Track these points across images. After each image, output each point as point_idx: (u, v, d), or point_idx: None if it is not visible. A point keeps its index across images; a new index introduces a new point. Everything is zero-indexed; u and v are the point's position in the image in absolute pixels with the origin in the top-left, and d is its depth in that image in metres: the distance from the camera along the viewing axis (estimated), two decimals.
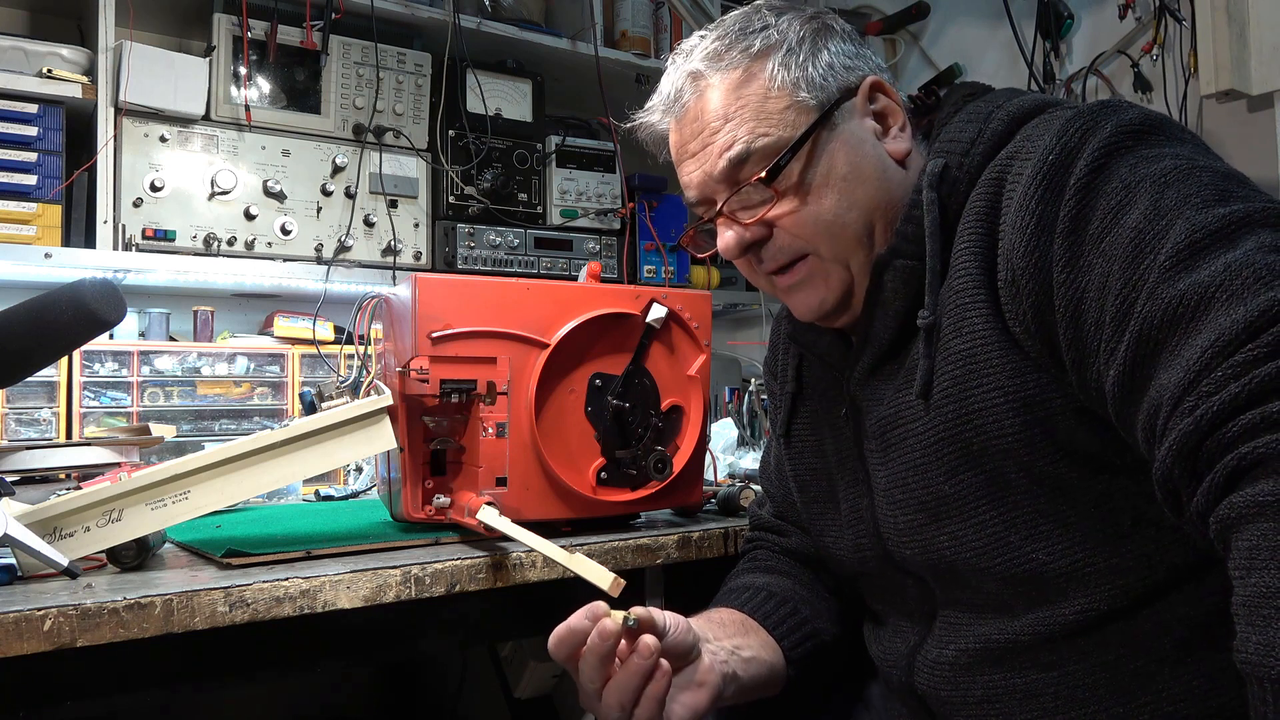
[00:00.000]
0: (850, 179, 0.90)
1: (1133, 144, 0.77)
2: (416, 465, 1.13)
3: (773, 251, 0.93)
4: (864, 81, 0.93)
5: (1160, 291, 0.68)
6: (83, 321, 0.94)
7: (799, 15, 0.95)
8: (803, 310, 0.97)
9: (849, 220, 0.90)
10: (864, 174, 0.91)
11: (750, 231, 0.93)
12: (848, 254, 0.91)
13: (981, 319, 0.82)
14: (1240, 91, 1.77)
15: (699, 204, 0.97)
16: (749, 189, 0.91)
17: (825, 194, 0.90)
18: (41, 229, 1.68)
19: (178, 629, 0.87)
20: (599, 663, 0.82)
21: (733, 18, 0.96)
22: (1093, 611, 0.81)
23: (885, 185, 0.91)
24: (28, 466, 1.23)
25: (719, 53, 0.93)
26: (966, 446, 0.84)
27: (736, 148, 0.90)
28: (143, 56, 1.73)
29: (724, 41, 0.93)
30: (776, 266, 0.94)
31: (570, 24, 2.30)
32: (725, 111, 0.91)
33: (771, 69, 0.91)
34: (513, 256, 2.12)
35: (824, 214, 0.90)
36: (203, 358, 1.84)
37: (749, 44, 0.92)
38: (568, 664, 0.84)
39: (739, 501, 1.38)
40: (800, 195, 0.90)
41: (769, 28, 0.93)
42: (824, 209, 0.90)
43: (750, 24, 0.94)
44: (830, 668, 1.07)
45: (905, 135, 0.94)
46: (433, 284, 1.13)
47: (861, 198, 0.90)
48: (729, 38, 0.93)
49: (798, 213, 0.91)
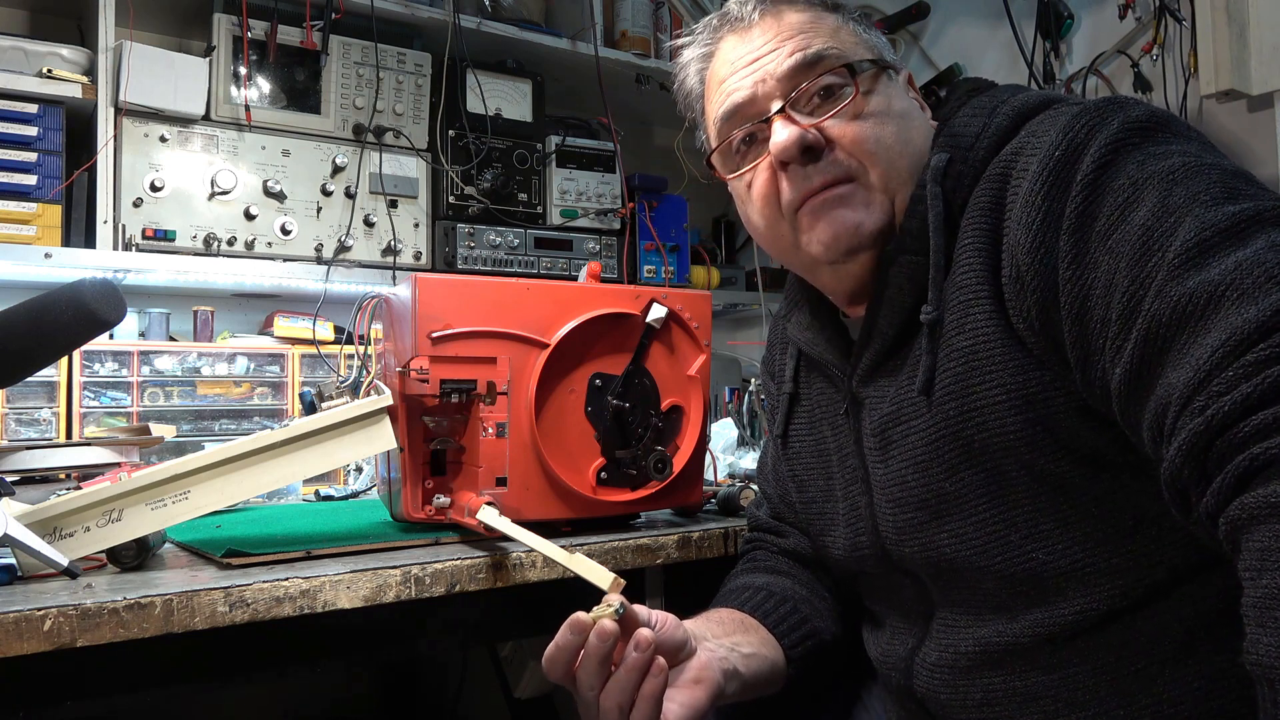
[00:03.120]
0: (906, 119, 0.93)
1: (1139, 140, 0.76)
2: (416, 465, 1.13)
3: (825, 165, 0.90)
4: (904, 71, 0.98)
5: (1169, 289, 0.68)
6: (83, 321, 0.94)
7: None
8: (835, 230, 0.91)
9: (907, 153, 0.91)
10: (915, 121, 0.94)
11: (811, 134, 0.89)
12: (896, 186, 0.91)
13: (985, 315, 0.82)
14: (1240, 91, 1.77)
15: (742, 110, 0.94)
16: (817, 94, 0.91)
17: (887, 121, 0.91)
18: (41, 229, 1.68)
19: (178, 629, 0.87)
20: (598, 667, 0.80)
21: None
22: (1092, 612, 0.80)
23: (928, 143, 0.93)
24: (28, 466, 1.23)
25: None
26: (968, 444, 0.84)
27: (813, 48, 0.92)
28: (143, 56, 1.73)
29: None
30: (824, 181, 0.90)
31: (570, 24, 2.30)
32: (802, 25, 0.94)
33: (839, 17, 0.96)
34: (513, 256, 2.12)
35: (885, 137, 0.91)
36: (203, 358, 1.84)
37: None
38: (564, 681, 0.82)
39: (739, 501, 1.38)
40: (866, 111, 0.91)
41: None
42: (886, 133, 0.91)
43: None
44: (830, 668, 1.07)
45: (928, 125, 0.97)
46: (433, 284, 1.13)
47: (914, 139, 0.92)
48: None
49: (861, 129, 0.90)
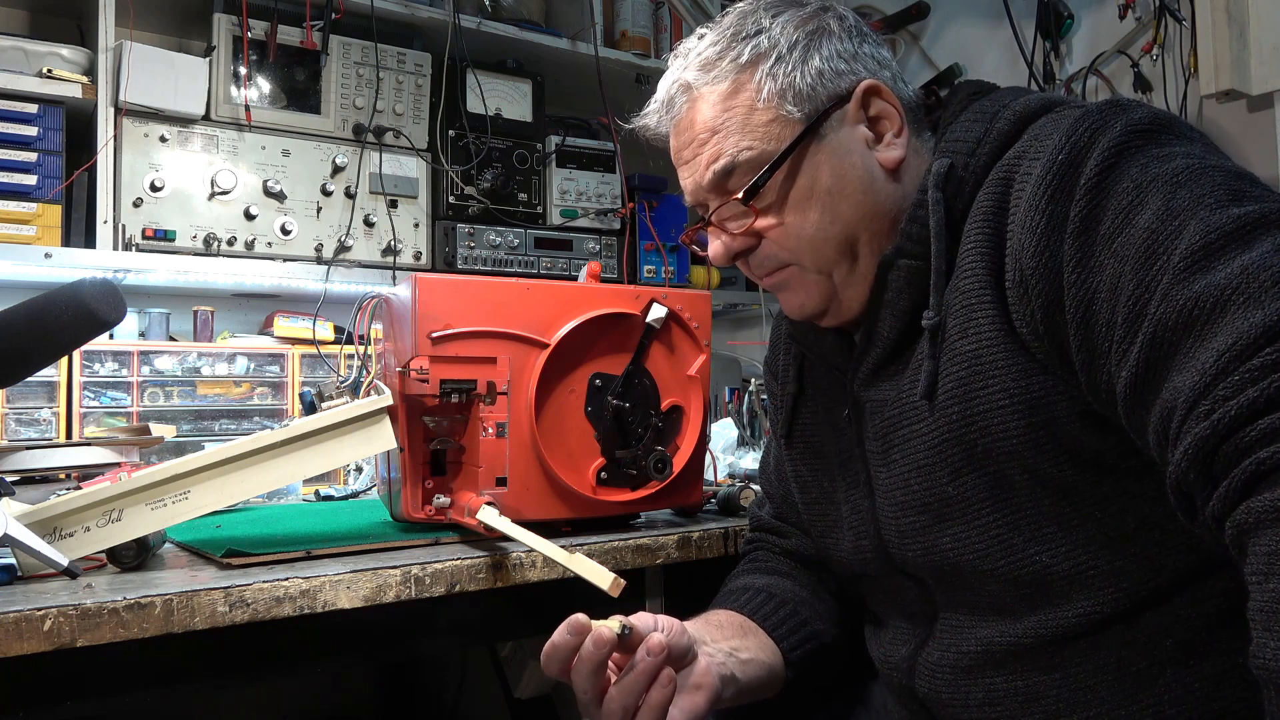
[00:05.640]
0: (834, 192, 0.91)
1: (1143, 143, 0.76)
2: (416, 465, 1.13)
3: (759, 260, 0.96)
4: (858, 87, 0.91)
5: (1174, 293, 0.68)
6: (83, 321, 0.94)
7: (795, 16, 0.93)
8: (789, 310, 1.00)
9: (831, 234, 0.91)
10: (849, 187, 0.91)
11: (737, 242, 0.96)
12: (829, 266, 0.93)
13: (987, 320, 0.82)
14: (1240, 91, 1.77)
15: (695, 206, 1.00)
16: (733, 203, 0.93)
17: (808, 208, 0.91)
18: (41, 229, 1.68)
19: (178, 629, 0.87)
20: (591, 673, 0.81)
21: (730, 19, 0.96)
22: (1095, 614, 0.81)
23: (872, 197, 0.91)
24: (28, 466, 1.23)
25: (710, 61, 0.93)
26: (970, 448, 0.84)
27: (722, 161, 0.92)
28: (143, 56, 1.73)
29: (716, 48, 0.93)
30: (764, 273, 0.97)
31: (570, 24, 2.30)
32: (713, 124, 0.92)
33: (759, 80, 0.91)
34: (513, 256, 2.12)
35: (805, 229, 0.91)
36: (203, 358, 1.84)
37: (739, 53, 0.92)
38: (560, 677, 0.83)
39: (739, 501, 1.38)
40: (783, 210, 0.92)
41: (761, 33, 0.92)
42: (806, 224, 0.91)
43: (744, 28, 0.93)
44: (830, 669, 1.07)
45: (900, 142, 0.92)
46: (433, 284, 1.13)
47: (845, 211, 0.91)
48: (721, 44, 0.93)
49: (779, 227, 0.93)
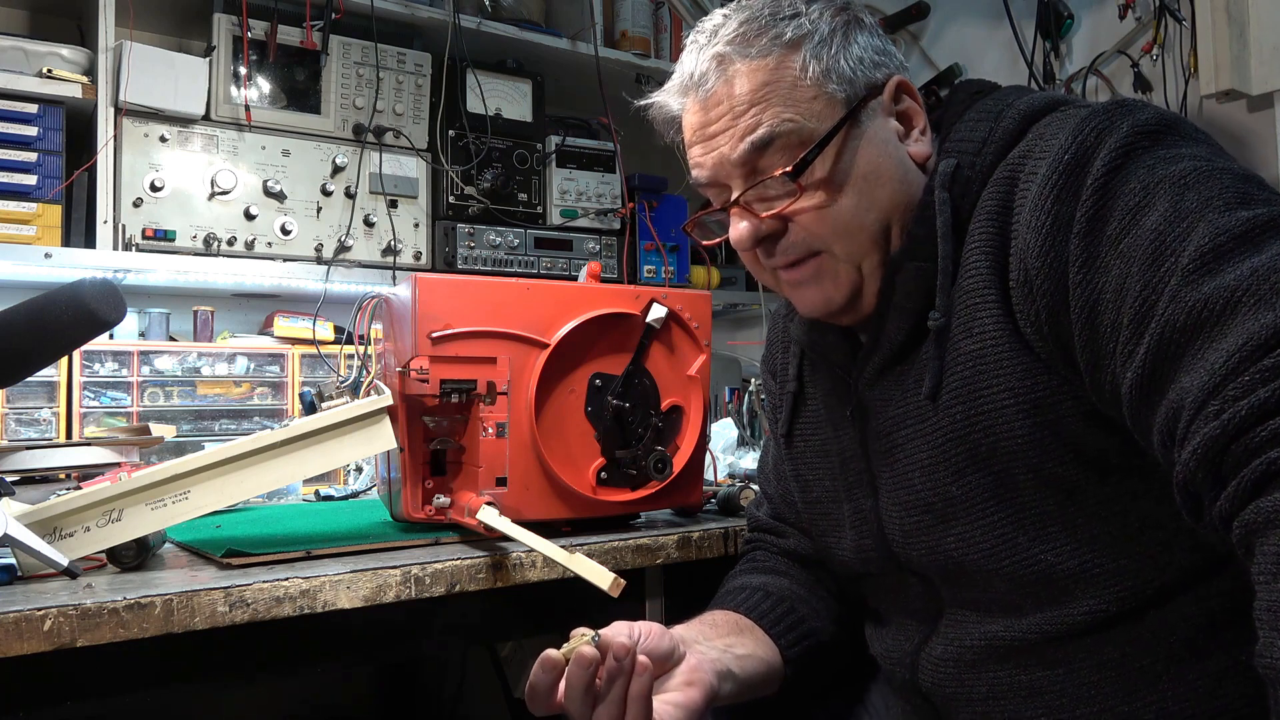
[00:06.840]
0: (871, 179, 0.88)
1: (1149, 144, 0.76)
2: (416, 465, 1.13)
3: (785, 246, 0.91)
4: (890, 80, 0.91)
5: (1183, 294, 0.68)
6: (83, 321, 0.93)
7: (829, 5, 0.92)
8: (808, 307, 0.95)
9: (867, 222, 0.89)
10: (885, 175, 0.89)
11: (766, 224, 0.90)
12: (861, 255, 0.90)
13: (992, 319, 0.82)
14: (1240, 91, 1.77)
15: (709, 185, 0.94)
16: (769, 181, 0.89)
17: (846, 193, 0.88)
18: (41, 229, 1.68)
19: (178, 629, 0.88)
20: (584, 694, 0.80)
21: (760, 1, 0.93)
22: (1100, 612, 0.81)
23: (905, 187, 0.90)
24: (28, 466, 1.23)
25: (748, 37, 0.90)
26: (975, 448, 0.84)
27: (761, 130, 0.87)
28: (143, 56, 1.73)
29: (753, 26, 0.90)
30: (788, 261, 0.92)
31: (570, 24, 2.30)
32: (753, 97, 0.88)
33: (804, 58, 0.88)
34: (513, 256, 2.12)
35: (843, 214, 0.88)
36: (203, 358, 1.84)
37: (780, 31, 0.89)
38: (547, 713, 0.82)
39: (739, 501, 1.38)
40: (821, 192, 0.88)
41: (800, 16, 0.90)
42: (843, 208, 0.88)
43: (780, 9, 0.91)
44: (828, 668, 1.07)
45: (926, 139, 0.92)
46: (433, 284, 1.13)
47: (881, 199, 0.89)
48: (759, 22, 0.90)
49: (817, 210, 0.89)
